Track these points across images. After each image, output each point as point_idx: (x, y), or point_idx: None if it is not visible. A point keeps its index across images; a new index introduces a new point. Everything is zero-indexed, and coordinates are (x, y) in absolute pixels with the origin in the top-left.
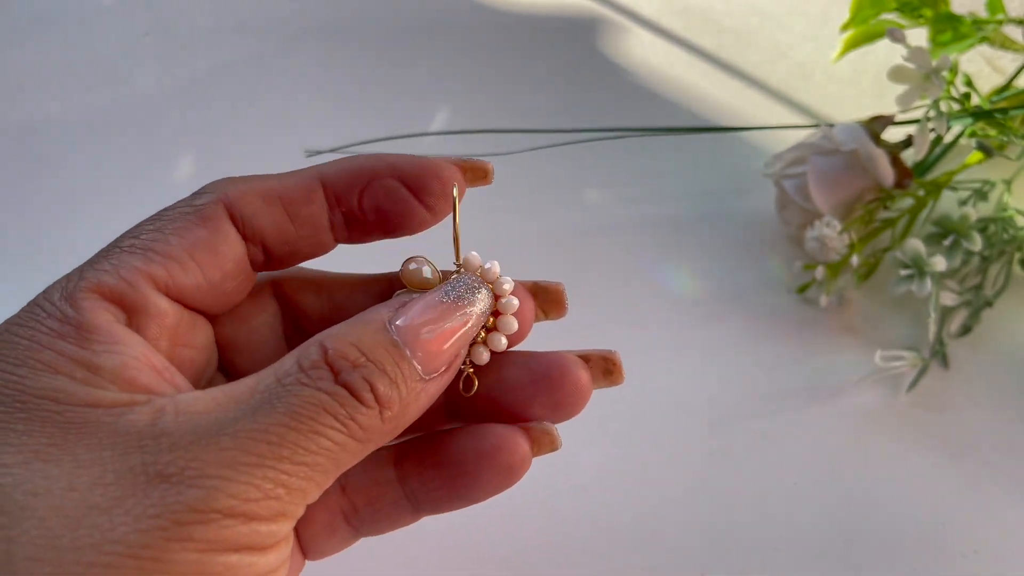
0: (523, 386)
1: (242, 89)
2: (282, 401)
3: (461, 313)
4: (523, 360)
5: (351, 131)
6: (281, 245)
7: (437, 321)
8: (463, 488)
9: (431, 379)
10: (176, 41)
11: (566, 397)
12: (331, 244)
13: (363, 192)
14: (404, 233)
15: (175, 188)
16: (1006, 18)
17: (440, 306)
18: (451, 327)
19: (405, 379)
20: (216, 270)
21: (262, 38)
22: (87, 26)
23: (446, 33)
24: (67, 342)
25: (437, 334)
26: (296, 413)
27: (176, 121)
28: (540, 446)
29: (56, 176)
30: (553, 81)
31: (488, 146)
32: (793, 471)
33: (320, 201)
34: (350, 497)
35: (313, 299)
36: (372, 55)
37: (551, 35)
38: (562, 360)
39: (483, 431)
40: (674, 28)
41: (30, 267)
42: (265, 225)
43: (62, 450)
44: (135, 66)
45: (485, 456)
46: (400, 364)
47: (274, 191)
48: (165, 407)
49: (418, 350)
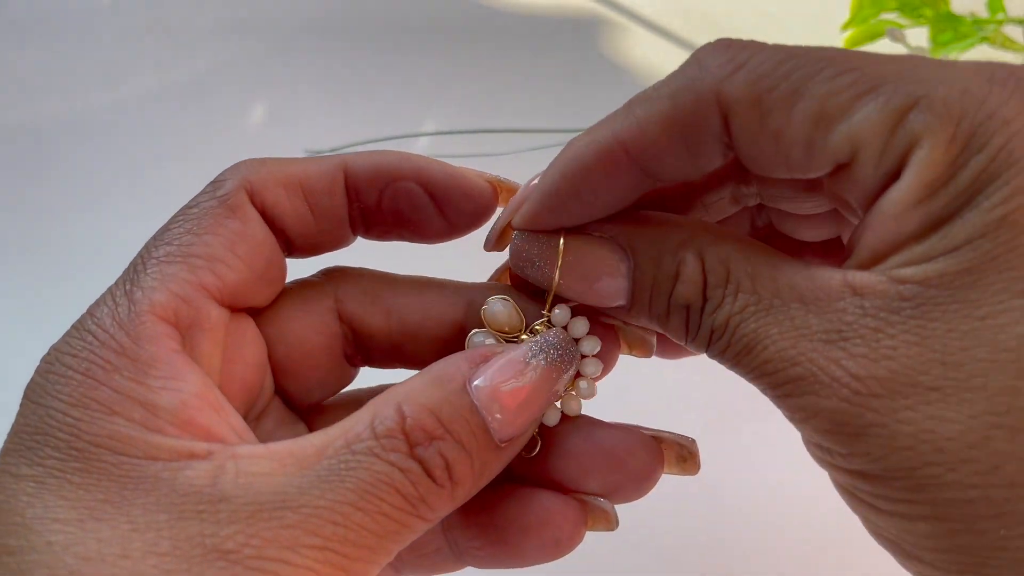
0: (583, 457)
1: (242, 89)
2: (351, 475)
3: (547, 380)
4: (588, 427)
5: (351, 131)
6: (301, 237)
7: (521, 385)
8: (505, 555)
9: (505, 446)
10: (176, 41)
11: (628, 481)
12: (350, 238)
13: (383, 191)
14: (421, 241)
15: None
16: (1006, 18)
17: (526, 368)
18: (535, 392)
19: (480, 450)
20: (260, 259)
21: (262, 38)
22: (87, 26)
23: (446, 33)
24: (124, 377)
25: (519, 400)
26: (365, 492)
27: (176, 121)
28: (594, 522)
29: (56, 176)
30: (553, 81)
31: (488, 146)
32: (792, 471)
33: (341, 194)
34: None
35: (380, 320)
36: (372, 55)
37: (551, 35)
38: (631, 439)
39: (534, 499)
40: (674, 28)
41: (30, 267)
42: (286, 215)
43: (117, 509)
44: (135, 66)
45: (532, 528)
46: (478, 434)
47: (296, 178)
48: (225, 466)
49: (496, 413)
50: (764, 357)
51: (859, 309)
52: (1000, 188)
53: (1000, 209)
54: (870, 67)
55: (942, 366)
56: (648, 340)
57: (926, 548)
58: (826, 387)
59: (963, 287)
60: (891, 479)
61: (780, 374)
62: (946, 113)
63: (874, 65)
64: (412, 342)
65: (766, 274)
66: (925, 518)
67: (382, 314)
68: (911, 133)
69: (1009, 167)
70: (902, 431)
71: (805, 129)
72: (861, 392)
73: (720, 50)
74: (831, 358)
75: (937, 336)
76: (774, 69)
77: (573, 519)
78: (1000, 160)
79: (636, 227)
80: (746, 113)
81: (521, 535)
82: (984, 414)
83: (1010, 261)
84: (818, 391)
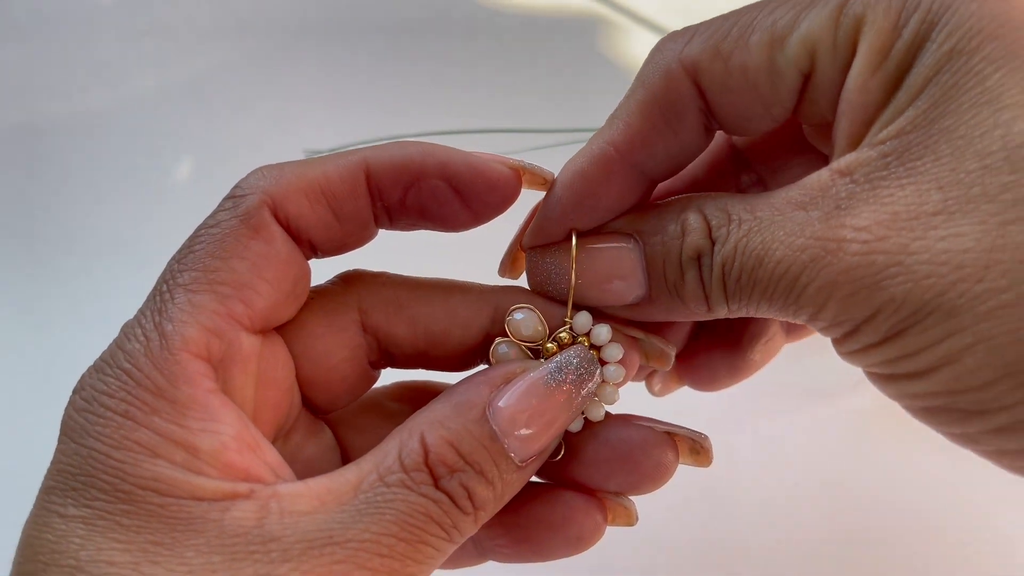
0: (601, 461)
1: (242, 89)
2: (389, 507)
3: (568, 400)
4: (607, 429)
5: (351, 131)
6: (327, 242)
7: (541, 406)
8: (528, 550)
9: (525, 466)
10: (176, 41)
11: (645, 478)
12: (375, 234)
13: (408, 188)
14: (445, 231)
15: (175, 188)
16: None
17: (546, 391)
18: (555, 414)
19: (501, 475)
20: (287, 279)
21: (262, 38)
22: (87, 26)
23: (446, 33)
24: (164, 419)
25: (540, 423)
26: (404, 523)
27: (176, 121)
28: (615, 518)
29: (56, 176)
30: (553, 81)
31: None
32: (793, 471)
33: (364, 195)
34: None
35: (405, 329)
36: (372, 55)
37: (551, 35)
38: (645, 440)
39: (556, 499)
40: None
41: (30, 267)
42: (311, 226)
43: (170, 551)
44: (135, 66)
45: (555, 526)
46: (499, 462)
47: (317, 184)
48: (269, 505)
49: (516, 435)
50: (775, 259)
51: (851, 184)
52: (941, 29)
53: (946, 45)
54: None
55: (939, 191)
56: (666, 351)
57: (983, 385)
58: (836, 253)
59: (936, 119)
60: (923, 323)
61: (794, 268)
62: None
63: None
64: (437, 348)
65: (762, 203)
66: (970, 348)
67: (407, 323)
68: (854, 16)
69: (946, 9)
70: (919, 262)
71: (764, 53)
72: (869, 240)
73: (672, 35)
74: (834, 227)
75: (927, 169)
76: (722, 24)
77: (595, 517)
78: (936, 6)
79: (638, 213)
80: (710, 64)
81: (545, 533)
82: (992, 217)
83: (968, 83)
84: (830, 261)
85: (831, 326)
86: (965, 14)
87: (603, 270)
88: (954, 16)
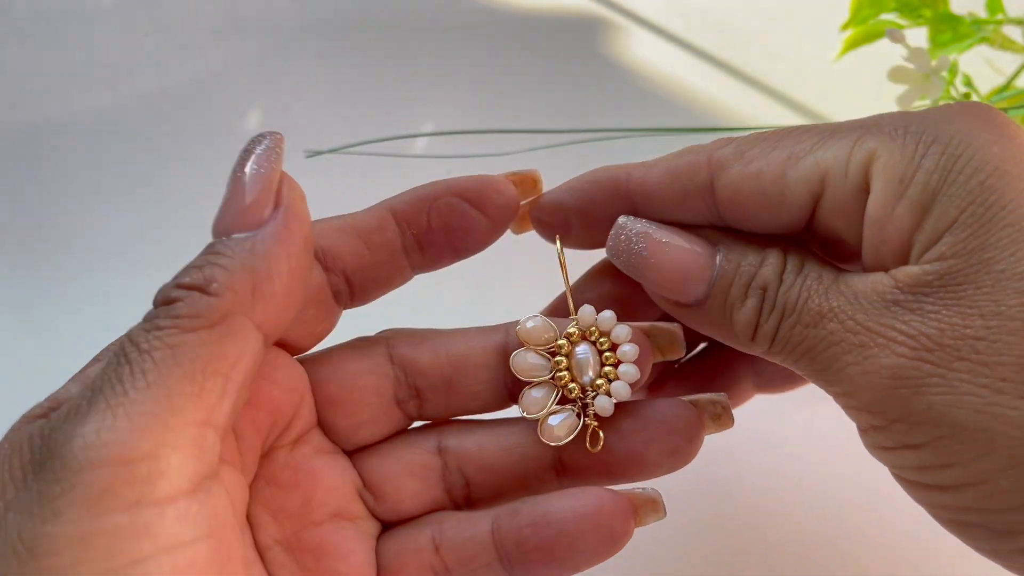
0: (639, 432)
1: (242, 89)
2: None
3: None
4: (635, 409)
5: (351, 131)
6: (360, 272)
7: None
8: (560, 551)
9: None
10: (176, 41)
11: (683, 443)
12: (408, 270)
13: (430, 211)
14: (471, 250)
15: (175, 188)
16: (1006, 18)
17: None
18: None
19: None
20: (296, 294)
21: (262, 38)
22: (87, 26)
23: (446, 33)
24: None
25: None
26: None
27: (176, 121)
28: (644, 513)
29: (56, 176)
30: (553, 81)
31: (488, 146)
32: (793, 471)
33: (392, 228)
34: (443, 557)
35: (429, 355)
36: (372, 55)
37: (551, 35)
38: (677, 406)
39: (584, 492)
40: (674, 28)
41: (29, 267)
42: (344, 253)
43: None
44: (135, 66)
45: (586, 517)
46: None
47: (348, 224)
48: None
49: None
50: (830, 328)
51: (903, 294)
52: (967, 163)
53: (975, 179)
54: (828, 129)
55: (981, 318)
56: (678, 336)
57: (1017, 507)
58: (884, 347)
59: (975, 250)
60: (957, 436)
61: (844, 343)
62: (892, 128)
63: (832, 127)
64: (460, 373)
65: (830, 269)
66: (1005, 470)
67: (430, 351)
68: (867, 150)
69: (967, 146)
70: (960, 379)
71: (780, 166)
72: (917, 348)
73: (715, 140)
74: (886, 324)
75: (969, 295)
76: (758, 139)
77: (624, 504)
78: (955, 143)
79: (730, 233)
80: (732, 162)
81: (576, 525)
82: None
83: (1005, 218)
84: (877, 354)
85: (861, 411)
86: (988, 154)
87: (678, 262)
88: (977, 152)
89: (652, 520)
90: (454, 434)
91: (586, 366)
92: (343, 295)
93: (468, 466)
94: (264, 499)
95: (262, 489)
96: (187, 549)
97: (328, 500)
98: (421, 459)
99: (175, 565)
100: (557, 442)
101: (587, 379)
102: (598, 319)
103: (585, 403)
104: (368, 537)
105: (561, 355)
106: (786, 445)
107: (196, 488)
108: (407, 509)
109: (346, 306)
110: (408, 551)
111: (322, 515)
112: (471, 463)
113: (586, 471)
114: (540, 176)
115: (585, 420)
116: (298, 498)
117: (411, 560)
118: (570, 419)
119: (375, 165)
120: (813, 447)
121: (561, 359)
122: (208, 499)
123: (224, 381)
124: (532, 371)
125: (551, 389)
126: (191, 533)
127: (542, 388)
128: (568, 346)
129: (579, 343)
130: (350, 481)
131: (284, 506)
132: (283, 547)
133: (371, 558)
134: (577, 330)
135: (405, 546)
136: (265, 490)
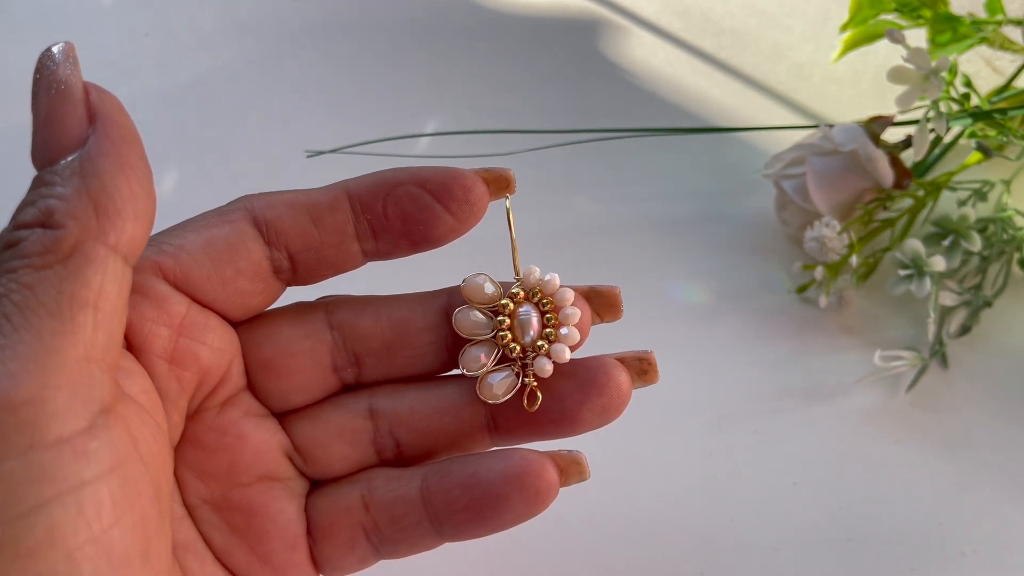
0: (571, 393)
1: (242, 89)
2: None
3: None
4: (568, 369)
5: (351, 131)
6: (305, 251)
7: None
8: (488, 511)
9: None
10: (176, 41)
11: (611, 400)
12: (358, 256)
13: (387, 198)
14: (430, 243)
15: (175, 188)
16: (1005, 19)
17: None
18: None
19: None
20: (229, 266)
21: (262, 38)
22: (87, 26)
23: (446, 33)
24: None
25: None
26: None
27: (176, 121)
28: (568, 475)
29: None
30: (553, 81)
31: (488, 146)
32: (793, 471)
33: (345, 209)
34: (373, 515)
35: (371, 320)
36: (372, 55)
37: (551, 35)
38: (605, 364)
39: (512, 453)
40: (674, 29)
41: None
42: (288, 228)
43: None
44: (135, 66)
45: (513, 478)
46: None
47: (299, 200)
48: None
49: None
50: None
51: None
52: None
53: None
54: None
55: None
56: (617, 298)
57: None
58: None
59: None
60: None
61: None
62: None
63: None
64: (402, 336)
65: None
66: None
67: (372, 316)
68: None
69: None
70: None
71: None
72: None
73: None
74: None
75: None
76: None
77: (549, 468)
78: None
79: None
80: None
81: (504, 486)
82: None
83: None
84: None
85: None
86: None
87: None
88: None
89: (576, 481)
90: (386, 396)
91: (528, 327)
92: (284, 272)
93: (400, 429)
94: (188, 460)
95: (187, 450)
96: (91, 487)
97: (255, 463)
98: (351, 423)
99: (81, 505)
100: (495, 400)
101: (528, 339)
102: (543, 281)
103: (525, 363)
104: (297, 496)
105: (504, 315)
106: (786, 445)
107: (91, 424)
108: (336, 471)
109: (289, 283)
110: (338, 509)
111: (250, 477)
112: (403, 425)
113: (518, 429)
114: (513, 176)
115: (524, 380)
116: (224, 460)
117: (341, 519)
118: (509, 378)
119: (375, 165)
120: (812, 448)
121: (504, 319)
122: (105, 433)
123: (94, 311)
124: (474, 329)
125: (492, 347)
126: (92, 471)
127: (483, 346)
128: (512, 306)
129: (523, 304)
130: (278, 445)
131: (209, 468)
132: (211, 506)
133: (300, 516)
134: (521, 291)
135: (335, 504)
136: (189, 451)
